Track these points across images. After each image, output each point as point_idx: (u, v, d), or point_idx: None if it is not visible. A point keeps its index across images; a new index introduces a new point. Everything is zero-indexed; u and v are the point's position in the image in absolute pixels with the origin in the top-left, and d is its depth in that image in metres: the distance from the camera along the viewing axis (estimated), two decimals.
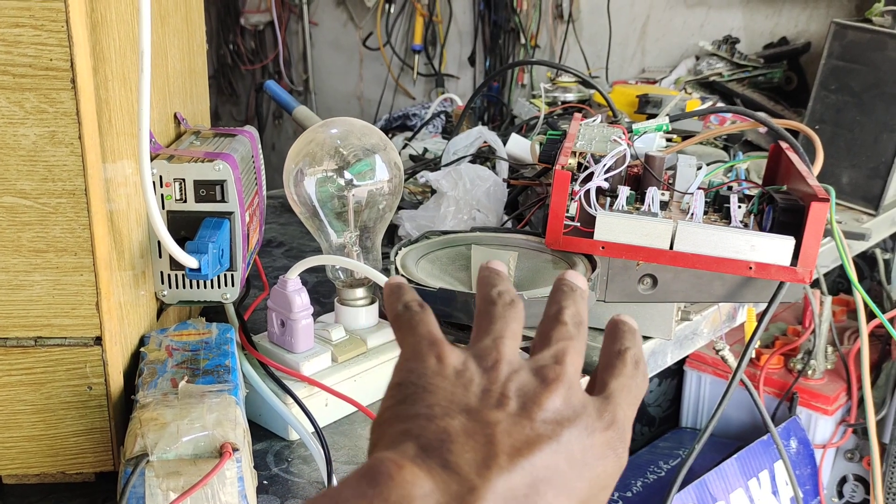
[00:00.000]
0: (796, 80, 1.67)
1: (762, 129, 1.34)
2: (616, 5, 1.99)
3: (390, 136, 1.66)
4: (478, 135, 1.20)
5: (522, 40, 2.23)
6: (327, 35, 2.87)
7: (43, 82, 0.49)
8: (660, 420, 1.37)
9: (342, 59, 2.85)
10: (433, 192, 1.10)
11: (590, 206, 0.76)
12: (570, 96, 1.60)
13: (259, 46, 3.12)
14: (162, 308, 0.69)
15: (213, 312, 0.80)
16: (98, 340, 0.53)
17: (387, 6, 2.56)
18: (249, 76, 3.20)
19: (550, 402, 0.35)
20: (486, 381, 0.35)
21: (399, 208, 1.14)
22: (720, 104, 1.57)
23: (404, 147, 1.50)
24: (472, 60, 2.41)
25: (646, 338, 0.85)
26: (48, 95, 0.49)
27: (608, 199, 0.79)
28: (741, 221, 0.78)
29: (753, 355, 1.25)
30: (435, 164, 1.25)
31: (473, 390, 0.35)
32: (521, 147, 1.17)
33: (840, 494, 1.25)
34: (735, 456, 1.06)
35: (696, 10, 1.89)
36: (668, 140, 1.23)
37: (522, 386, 0.35)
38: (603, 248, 0.75)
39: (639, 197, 0.81)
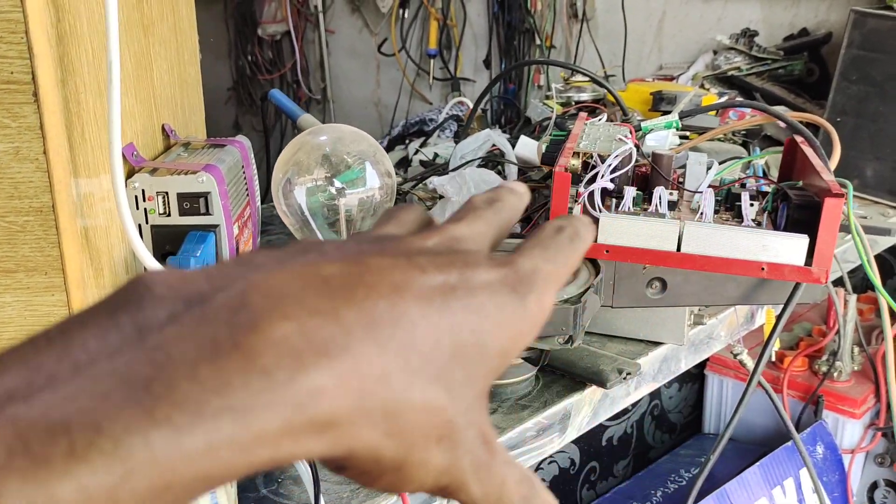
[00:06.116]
0: (818, 71, 1.63)
1: (782, 123, 1.30)
2: (631, 2, 1.96)
3: (407, 141, 1.64)
4: (486, 138, 1.18)
5: (538, 41, 2.20)
6: (343, 42, 2.86)
7: (5, 97, 0.47)
8: (681, 426, 1.33)
9: (359, 65, 2.84)
10: (441, 197, 1.08)
11: (594, 208, 0.73)
12: (585, 96, 1.57)
13: (277, 56, 3.12)
14: None
15: None
16: None
17: (401, 11, 2.55)
18: (268, 86, 3.20)
19: (413, 240, 0.26)
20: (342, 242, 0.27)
21: None
22: (739, 99, 1.54)
23: (416, 153, 1.47)
24: (487, 63, 2.39)
25: (657, 343, 0.81)
26: (10, 110, 0.47)
27: (615, 200, 0.77)
28: (754, 220, 0.75)
29: (774, 358, 1.21)
30: (444, 170, 1.23)
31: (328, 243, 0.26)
32: (530, 149, 1.14)
33: (871, 501, 1.20)
34: (758, 464, 1.02)
35: (713, 4, 1.85)
36: (685, 137, 1.20)
37: (385, 235, 0.27)
38: (607, 251, 0.72)
39: (647, 197, 0.78)
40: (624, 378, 0.73)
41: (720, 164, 0.97)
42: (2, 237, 0.49)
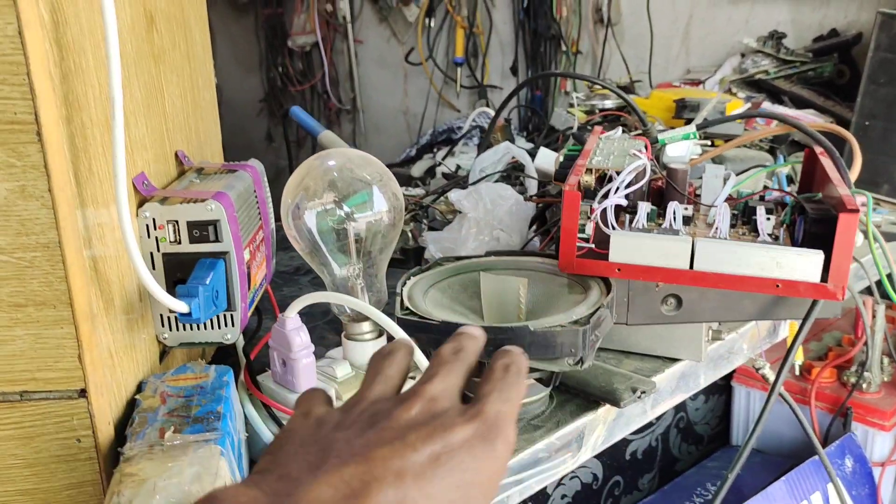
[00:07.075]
0: (849, 73, 1.60)
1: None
2: (656, 6, 1.94)
3: (435, 150, 1.64)
4: (505, 150, 1.17)
5: (563, 47, 2.19)
6: (372, 52, 2.88)
7: (9, 137, 0.48)
8: (708, 438, 1.31)
9: (387, 75, 2.85)
10: (460, 212, 1.08)
11: (607, 225, 0.73)
12: (609, 103, 1.55)
13: (307, 67, 3.14)
14: (165, 350, 0.68)
15: (226, 349, 0.79)
16: (83, 393, 0.53)
17: (427, 20, 2.55)
18: (299, 97, 3.23)
19: (400, 413, 0.36)
20: (342, 416, 0.37)
21: (430, 229, 1.12)
22: (766, 103, 1.51)
23: (438, 165, 1.48)
24: (514, 70, 2.38)
25: (674, 360, 0.80)
26: (15, 149, 0.48)
27: (629, 215, 0.76)
28: (770, 234, 0.74)
29: (798, 373, 1.19)
30: (465, 182, 1.23)
31: (328, 426, 0.37)
32: (549, 161, 1.13)
33: None
34: (784, 478, 1.00)
35: (741, 6, 1.82)
36: (710, 145, 1.18)
37: (377, 410, 0.36)
38: (619, 269, 0.71)
39: (661, 212, 0.77)
40: (638, 397, 0.72)
41: (739, 174, 0.95)
42: (11, 273, 0.50)
